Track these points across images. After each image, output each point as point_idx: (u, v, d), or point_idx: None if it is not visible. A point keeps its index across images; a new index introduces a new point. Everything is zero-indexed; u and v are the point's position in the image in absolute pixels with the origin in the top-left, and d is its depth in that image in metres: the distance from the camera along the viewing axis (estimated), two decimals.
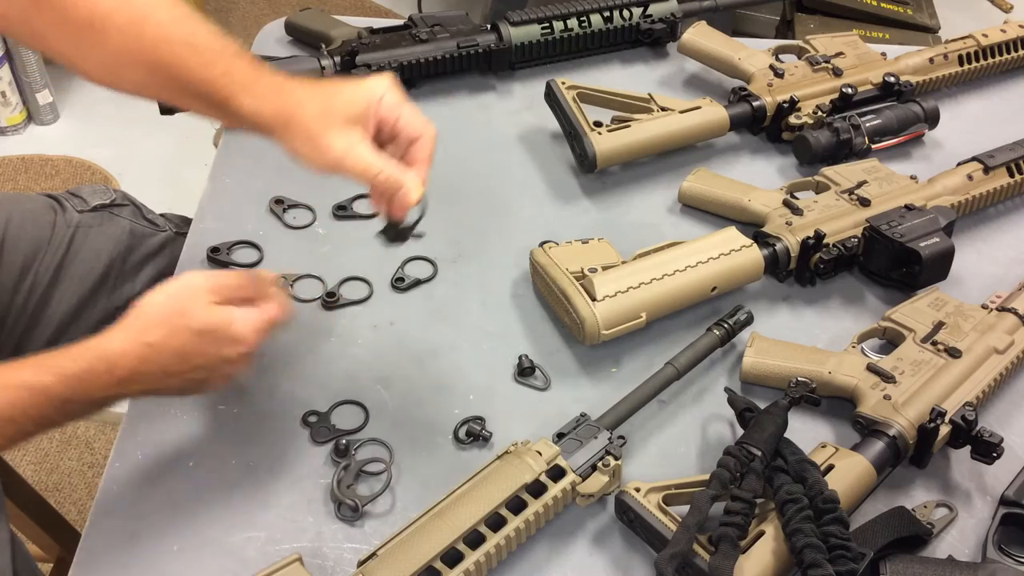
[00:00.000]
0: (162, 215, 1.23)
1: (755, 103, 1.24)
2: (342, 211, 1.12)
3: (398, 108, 0.81)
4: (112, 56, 0.84)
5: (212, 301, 0.78)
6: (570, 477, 0.82)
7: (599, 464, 0.84)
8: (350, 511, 0.83)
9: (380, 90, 0.80)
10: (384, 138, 0.83)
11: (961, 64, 1.36)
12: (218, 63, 0.82)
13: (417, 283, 1.05)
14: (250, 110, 0.81)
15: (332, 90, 0.80)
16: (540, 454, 0.82)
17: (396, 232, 0.84)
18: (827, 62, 1.29)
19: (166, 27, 0.83)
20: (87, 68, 0.86)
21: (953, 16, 2.56)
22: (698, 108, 1.21)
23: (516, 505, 0.79)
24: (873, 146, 1.23)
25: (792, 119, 1.23)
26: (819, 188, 1.15)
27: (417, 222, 0.83)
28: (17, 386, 0.72)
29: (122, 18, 0.82)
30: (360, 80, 0.82)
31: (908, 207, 1.09)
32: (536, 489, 0.81)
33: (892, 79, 1.27)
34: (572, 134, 1.17)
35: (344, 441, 0.87)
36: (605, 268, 0.98)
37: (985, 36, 1.39)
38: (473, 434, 0.90)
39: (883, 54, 1.34)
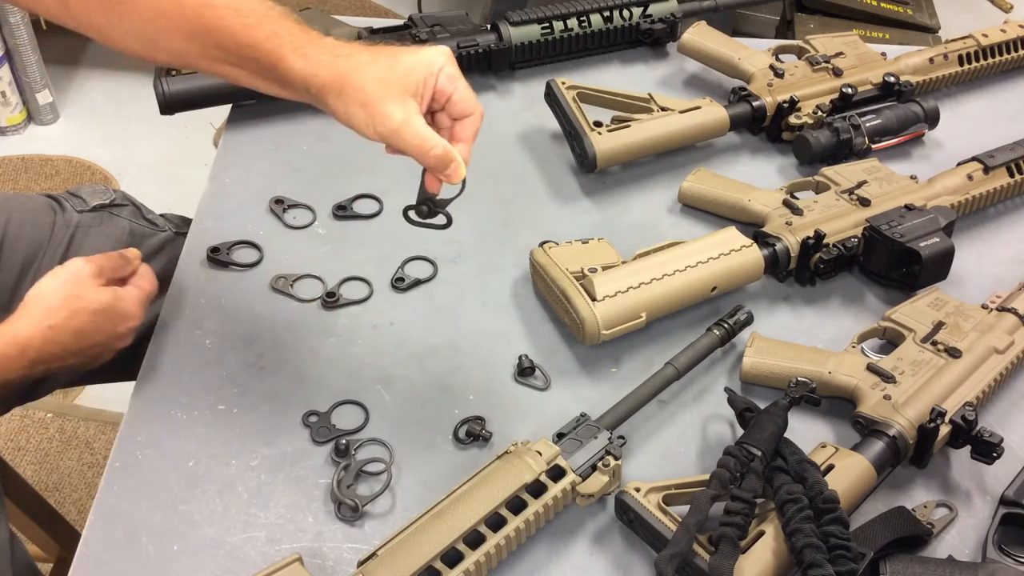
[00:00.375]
0: (162, 215, 1.23)
1: (755, 103, 1.24)
2: (342, 211, 1.12)
3: (454, 82, 0.79)
4: (147, 23, 0.81)
5: (99, 283, 0.88)
6: (570, 477, 0.82)
7: (599, 464, 0.84)
8: (350, 511, 0.83)
9: (440, 61, 0.79)
10: (435, 108, 0.81)
11: (961, 64, 1.36)
12: (264, 24, 0.78)
13: (417, 283, 1.05)
14: (302, 73, 0.77)
15: (391, 57, 0.77)
16: (540, 454, 0.82)
17: (431, 207, 0.80)
18: (827, 62, 1.29)
19: None
20: (119, 37, 0.83)
21: (953, 16, 2.56)
22: (698, 108, 1.21)
23: (516, 505, 0.79)
24: (873, 146, 1.23)
25: (792, 119, 1.23)
26: (819, 188, 1.15)
27: (454, 199, 0.80)
28: None
29: None
30: (418, 49, 0.79)
31: (908, 207, 1.09)
32: (536, 489, 0.81)
33: (892, 79, 1.27)
34: (572, 134, 1.17)
35: (344, 441, 0.87)
36: (605, 268, 0.98)
37: (985, 36, 1.38)
38: (473, 434, 0.90)
39: (883, 54, 1.34)
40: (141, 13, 0.81)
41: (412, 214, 0.83)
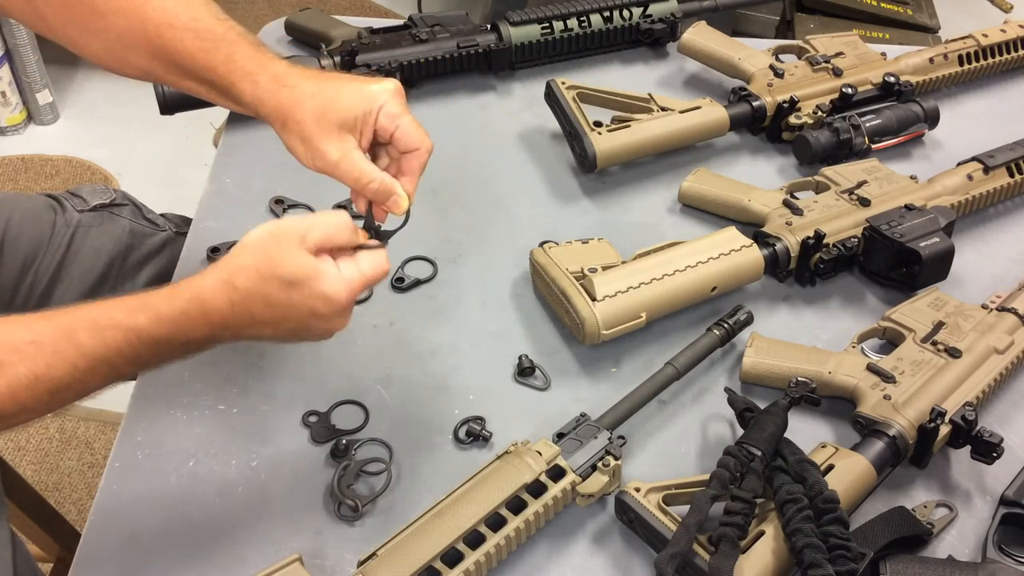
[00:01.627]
0: (162, 215, 1.23)
1: (755, 103, 1.24)
2: (342, 211, 1.12)
3: (397, 119, 0.80)
4: (116, 40, 0.84)
5: (305, 248, 0.72)
6: (570, 477, 0.82)
7: (599, 464, 0.84)
8: (350, 511, 0.83)
9: (382, 98, 0.79)
10: (381, 142, 0.83)
11: (961, 64, 1.36)
12: (220, 48, 0.81)
13: (417, 283, 1.05)
14: (251, 100, 0.81)
15: (333, 90, 0.79)
16: (540, 454, 0.82)
17: (376, 235, 0.81)
18: (827, 62, 1.29)
19: (169, 11, 0.82)
20: (92, 52, 0.86)
21: (953, 16, 2.56)
22: (698, 108, 1.21)
23: (516, 505, 0.79)
24: (873, 146, 1.23)
25: (792, 119, 1.23)
26: (819, 188, 1.15)
27: (397, 230, 0.81)
28: (111, 326, 0.69)
29: (124, 2, 0.82)
30: (364, 81, 0.80)
31: (908, 207, 1.09)
32: (536, 489, 0.81)
33: (892, 79, 1.27)
34: (572, 134, 1.17)
35: (344, 441, 0.88)
36: (605, 268, 0.98)
37: (985, 36, 1.38)
38: (473, 434, 0.90)
39: (883, 54, 1.34)
40: (110, 31, 0.84)
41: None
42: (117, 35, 0.83)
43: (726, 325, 0.96)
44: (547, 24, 1.33)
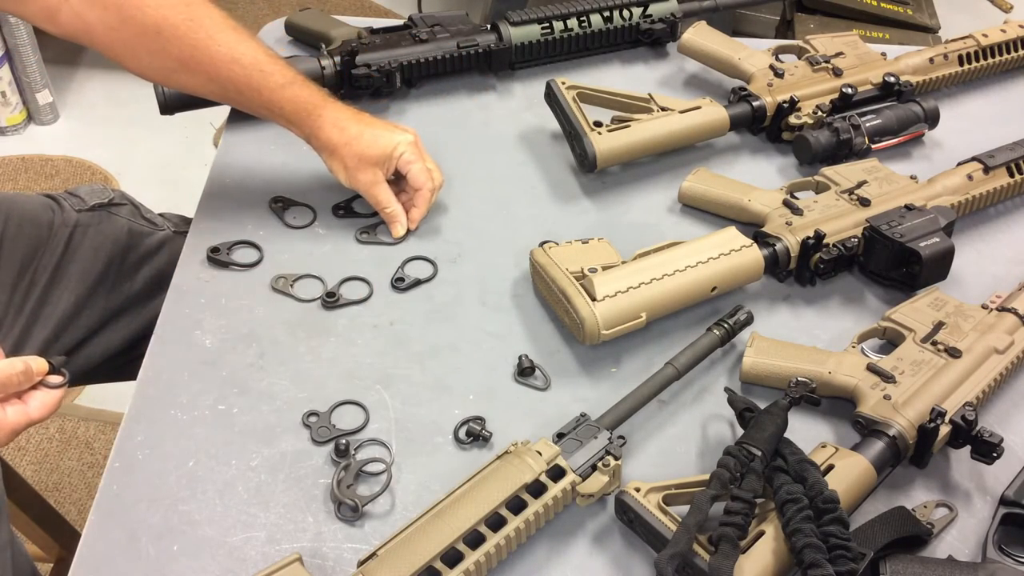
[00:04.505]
0: (160, 214, 1.23)
1: (755, 103, 1.24)
2: (342, 211, 1.12)
3: (408, 165, 1.06)
4: (173, 62, 0.98)
5: None
6: (570, 477, 0.82)
7: (599, 464, 0.84)
8: (350, 511, 0.83)
9: (400, 148, 1.06)
10: (401, 177, 1.09)
11: (961, 64, 1.36)
12: (286, 90, 1.02)
13: (417, 283, 1.05)
14: (307, 133, 1.05)
15: (371, 136, 1.05)
16: (540, 454, 0.82)
17: (54, 369, 0.85)
18: (827, 62, 1.29)
19: (235, 50, 0.99)
20: (139, 67, 0.98)
21: (953, 16, 2.56)
22: (698, 108, 1.21)
23: (516, 505, 0.79)
24: (873, 146, 1.23)
25: (792, 119, 1.23)
26: (819, 188, 1.15)
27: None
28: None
29: (189, 31, 0.96)
30: (391, 131, 1.06)
31: (908, 207, 1.09)
32: (536, 489, 0.81)
33: (892, 79, 1.27)
34: (572, 134, 1.17)
35: (344, 441, 0.87)
36: (605, 268, 0.98)
37: (985, 36, 1.39)
38: (473, 434, 0.90)
39: (883, 54, 1.34)
40: (169, 53, 0.96)
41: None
42: (177, 59, 0.97)
43: (726, 325, 0.96)
44: (547, 24, 1.33)
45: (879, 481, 0.86)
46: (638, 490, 0.81)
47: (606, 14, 1.36)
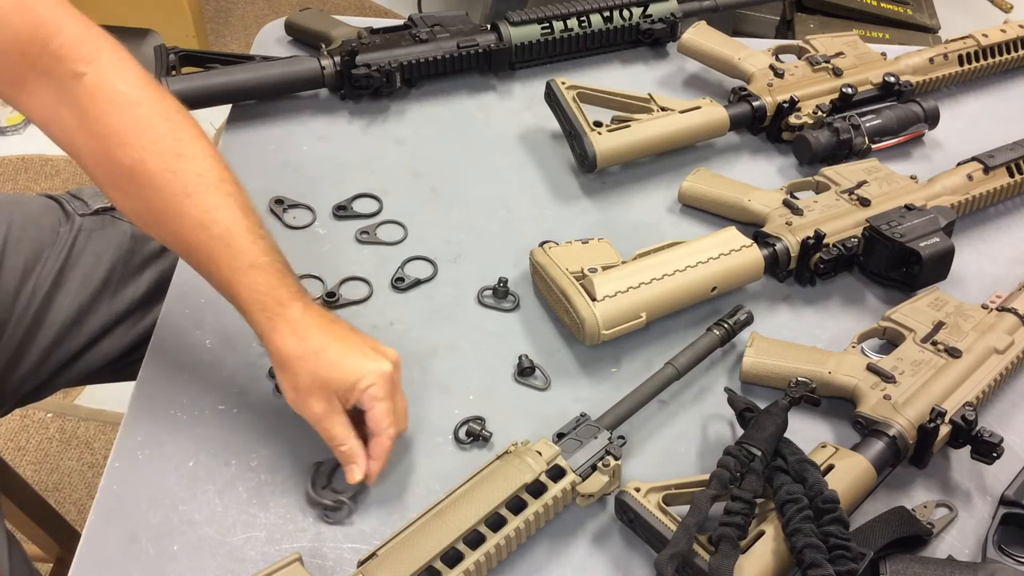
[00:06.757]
0: None
1: (755, 103, 1.24)
2: (342, 211, 1.12)
3: (374, 402, 0.83)
4: (145, 208, 0.85)
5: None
6: (570, 477, 0.82)
7: (599, 464, 0.84)
8: (332, 511, 0.83)
9: (368, 381, 0.83)
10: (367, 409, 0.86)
11: (961, 64, 1.36)
12: (246, 274, 0.83)
13: (417, 283, 1.05)
14: (259, 331, 0.84)
15: (335, 355, 0.83)
16: (540, 454, 0.82)
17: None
18: (827, 62, 1.29)
19: (208, 213, 0.83)
20: (120, 206, 0.88)
21: (953, 16, 2.56)
22: (698, 108, 1.21)
23: (516, 505, 0.79)
24: (873, 146, 1.23)
25: (792, 119, 1.23)
26: (819, 188, 1.15)
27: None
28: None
29: (165, 183, 0.82)
30: (364, 356, 0.84)
31: (908, 207, 1.09)
32: (536, 489, 0.81)
33: (892, 79, 1.27)
34: (572, 134, 1.17)
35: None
36: (605, 268, 0.98)
37: (985, 36, 1.38)
38: (473, 434, 0.90)
39: (883, 54, 1.34)
40: (142, 198, 0.84)
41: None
42: (147, 206, 0.84)
43: (726, 325, 0.96)
44: (547, 24, 1.33)
45: (879, 481, 0.86)
46: (638, 490, 0.81)
47: (606, 14, 1.36)
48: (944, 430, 0.86)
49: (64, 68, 0.81)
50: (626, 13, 1.37)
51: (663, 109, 1.20)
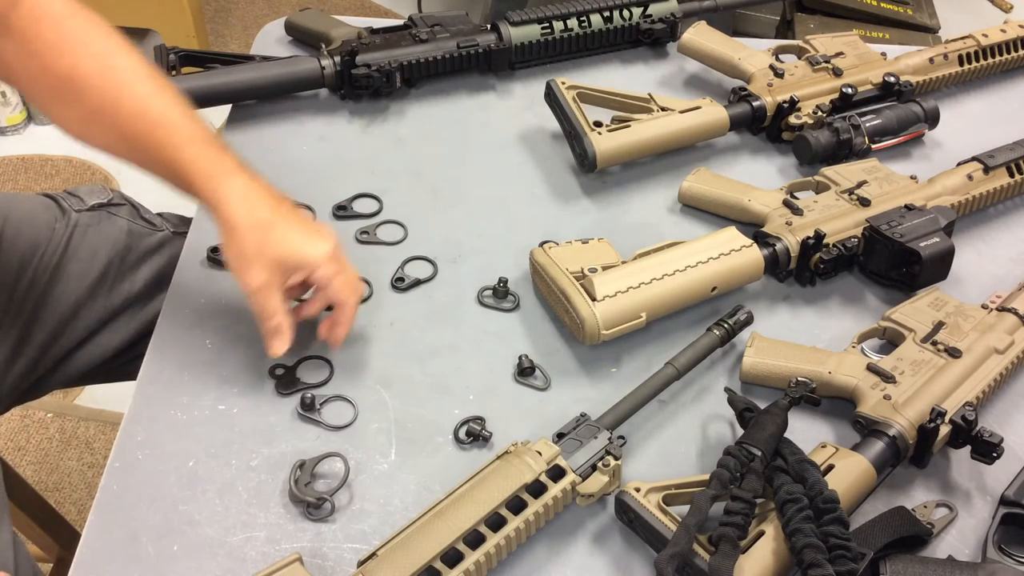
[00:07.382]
0: (159, 214, 1.23)
1: (755, 103, 1.24)
2: (342, 211, 1.12)
3: (328, 279, 0.89)
4: (87, 114, 0.88)
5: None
6: (570, 477, 0.82)
7: (599, 464, 0.84)
8: (315, 509, 0.83)
9: (315, 264, 0.88)
10: (320, 288, 0.91)
11: (961, 64, 1.36)
12: (188, 147, 0.87)
13: (417, 283, 1.05)
14: (207, 199, 0.88)
15: (282, 232, 0.87)
16: (540, 454, 0.82)
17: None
18: (827, 62, 1.29)
19: (143, 101, 0.87)
20: (62, 120, 0.91)
21: (953, 16, 2.56)
22: (698, 108, 1.21)
23: (516, 505, 0.79)
24: (873, 146, 1.23)
25: (792, 119, 1.23)
26: (819, 188, 1.15)
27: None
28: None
29: (101, 81, 0.87)
30: (307, 238, 0.88)
31: (908, 207, 1.09)
32: (536, 489, 0.81)
33: (892, 79, 1.27)
34: (572, 134, 1.17)
35: (310, 395, 0.90)
36: (605, 268, 0.98)
37: (985, 36, 1.39)
38: (473, 434, 0.90)
39: (883, 54, 1.34)
40: (83, 104, 0.88)
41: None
42: (89, 110, 0.88)
43: (726, 325, 0.96)
44: (547, 24, 1.33)
45: (879, 481, 0.86)
46: (638, 490, 0.81)
47: (606, 14, 1.36)
48: (944, 430, 0.86)
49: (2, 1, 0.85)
50: (626, 13, 1.37)
51: (663, 109, 1.20)
